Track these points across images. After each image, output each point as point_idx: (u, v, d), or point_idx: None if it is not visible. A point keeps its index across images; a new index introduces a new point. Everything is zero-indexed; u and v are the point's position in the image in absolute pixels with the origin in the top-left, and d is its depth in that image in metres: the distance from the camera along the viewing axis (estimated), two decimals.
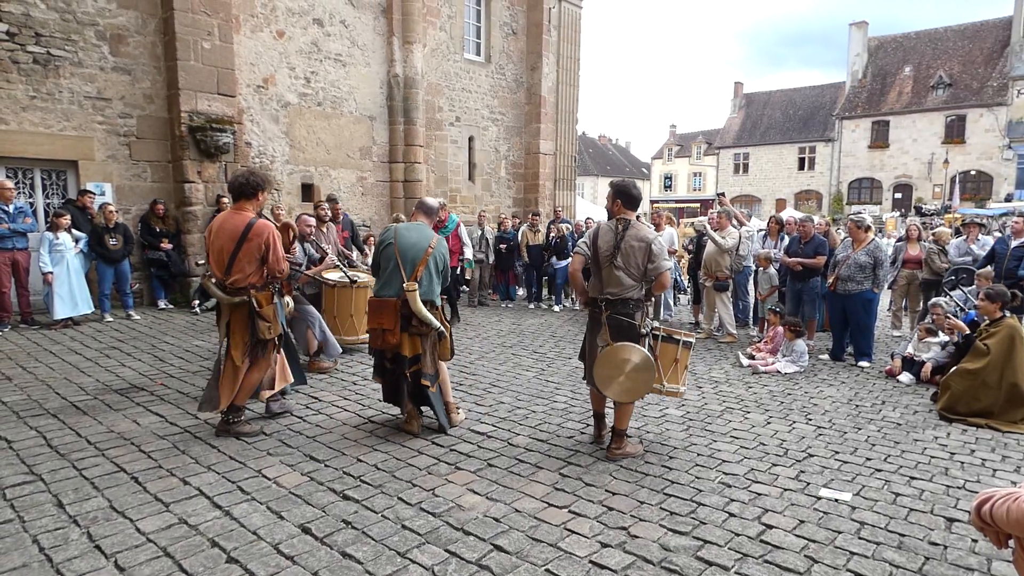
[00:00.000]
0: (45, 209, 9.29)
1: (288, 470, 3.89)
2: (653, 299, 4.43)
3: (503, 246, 11.42)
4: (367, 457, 4.13)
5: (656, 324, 4.38)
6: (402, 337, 4.39)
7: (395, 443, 4.39)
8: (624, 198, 4.18)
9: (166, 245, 9.58)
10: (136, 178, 9.86)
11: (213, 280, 4.39)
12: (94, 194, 9.09)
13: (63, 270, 7.99)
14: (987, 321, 5.57)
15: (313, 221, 6.62)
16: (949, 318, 6.28)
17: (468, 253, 10.26)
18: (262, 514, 3.31)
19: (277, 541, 3.04)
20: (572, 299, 11.48)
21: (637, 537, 3.18)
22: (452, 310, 9.17)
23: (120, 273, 8.81)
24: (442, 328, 4.51)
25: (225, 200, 9.87)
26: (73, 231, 8.23)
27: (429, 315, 4.38)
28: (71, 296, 8.10)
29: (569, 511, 3.45)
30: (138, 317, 8.92)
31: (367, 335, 6.84)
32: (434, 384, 4.56)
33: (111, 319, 8.67)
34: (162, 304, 9.77)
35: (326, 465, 3.99)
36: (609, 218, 4.30)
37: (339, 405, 5.26)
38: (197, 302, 9.60)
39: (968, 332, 5.66)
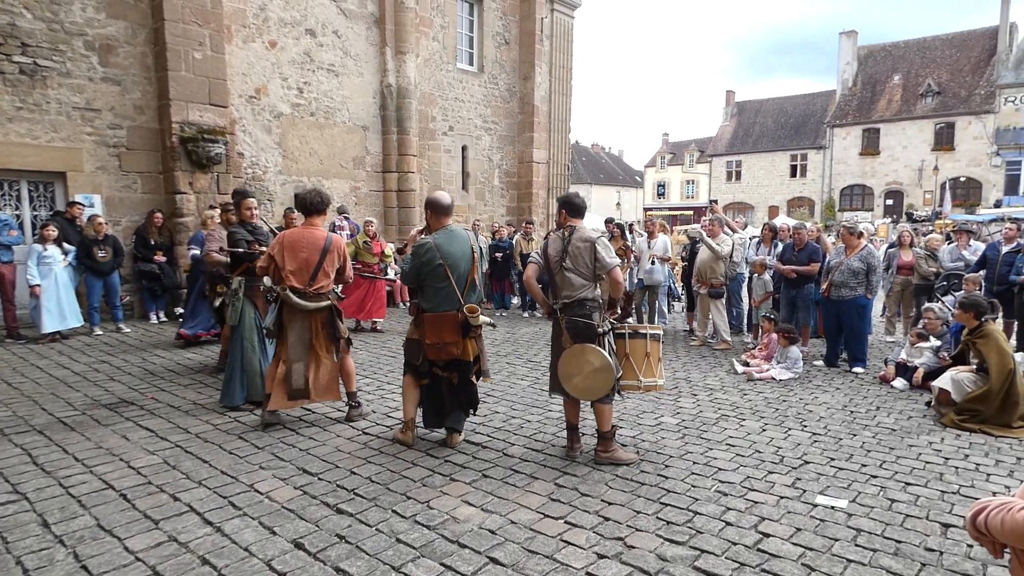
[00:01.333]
0: (32, 221, 9.22)
1: (280, 484, 3.84)
2: (647, 307, 4.47)
3: (498, 255, 11.42)
4: (361, 470, 4.09)
5: (616, 323, 4.43)
6: (464, 344, 4.42)
7: (389, 455, 4.35)
8: (568, 208, 4.42)
9: (160, 257, 9.51)
10: (126, 189, 9.80)
11: (288, 290, 4.66)
12: (83, 206, 9.02)
13: (51, 283, 7.90)
14: (967, 331, 5.61)
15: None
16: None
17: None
18: (254, 530, 3.26)
19: (269, 557, 2.99)
20: None
21: (633, 547, 3.15)
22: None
23: (109, 286, 8.73)
24: (491, 321, 4.60)
25: (217, 210, 9.82)
26: (63, 244, 8.16)
27: (488, 319, 4.49)
28: (59, 310, 8.01)
29: (565, 522, 3.41)
30: (128, 330, 8.84)
31: None
32: (487, 377, 4.73)
33: (100, 332, 8.58)
34: (154, 318, 9.68)
35: (319, 478, 3.94)
36: (557, 229, 4.50)
37: (332, 417, 5.21)
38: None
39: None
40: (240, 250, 5.47)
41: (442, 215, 4.48)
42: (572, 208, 4.41)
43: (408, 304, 5.57)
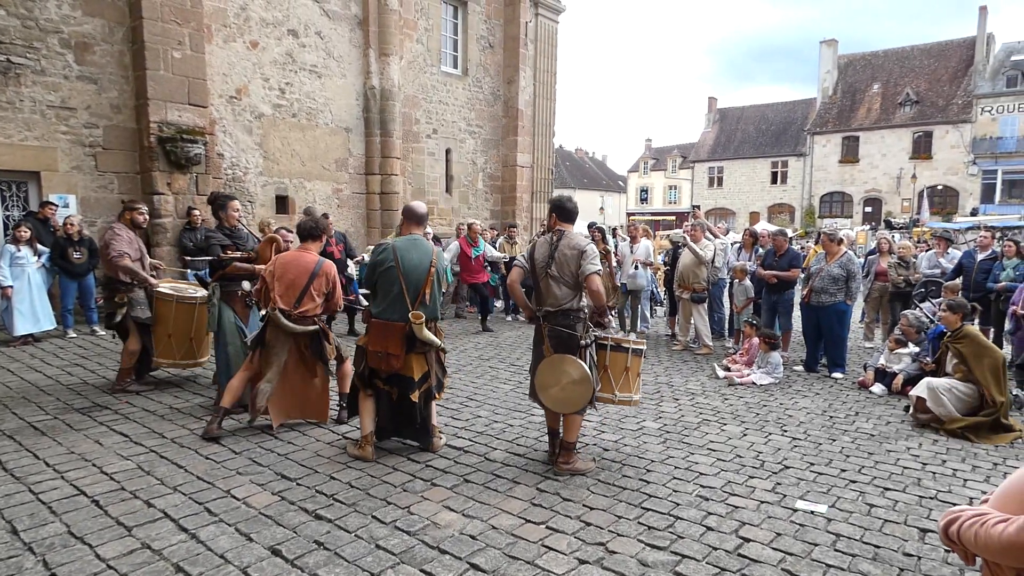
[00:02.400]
0: (4, 222, 9.01)
1: (258, 490, 3.78)
2: (624, 313, 4.42)
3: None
4: (340, 475, 4.04)
5: (601, 334, 4.33)
6: (408, 359, 4.24)
7: (369, 460, 4.30)
8: (559, 212, 4.28)
9: None
10: (102, 190, 9.63)
11: (277, 311, 4.63)
12: (56, 206, 8.84)
13: (24, 284, 7.73)
14: (949, 333, 5.72)
15: (292, 236, 6.44)
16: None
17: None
18: (230, 536, 3.20)
19: (245, 565, 2.94)
20: None
21: (615, 553, 3.14)
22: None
23: (84, 287, 8.55)
24: (443, 345, 4.44)
25: (196, 212, 9.72)
26: (36, 245, 7.98)
27: (433, 337, 4.27)
28: (32, 312, 7.83)
29: (547, 527, 3.40)
30: (103, 333, 8.66)
31: (189, 362, 6.07)
32: (439, 395, 4.54)
33: (74, 335, 8.41)
34: None
35: (298, 484, 3.89)
36: (547, 232, 4.38)
37: (312, 421, 5.14)
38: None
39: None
40: (210, 257, 5.38)
41: (412, 223, 4.46)
42: (563, 212, 4.26)
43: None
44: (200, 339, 6.06)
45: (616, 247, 10.22)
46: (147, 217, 6.24)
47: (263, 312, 4.81)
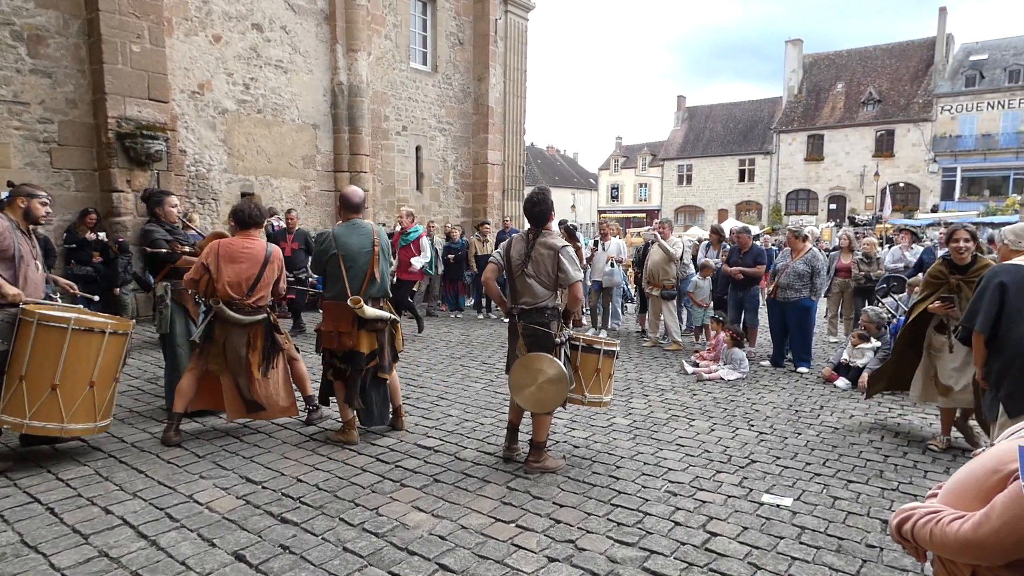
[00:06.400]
0: None
1: (222, 493, 3.70)
2: (596, 309, 4.40)
3: (451, 256, 11.34)
4: (308, 476, 3.97)
5: (573, 333, 4.32)
6: (359, 336, 4.45)
7: (338, 461, 4.24)
8: (530, 217, 4.22)
9: (98, 259, 9.08)
10: (58, 187, 9.31)
11: (222, 304, 4.51)
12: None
13: None
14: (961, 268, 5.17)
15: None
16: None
17: (417, 264, 9.73)
18: (192, 542, 3.12)
19: (208, 571, 2.87)
20: None
21: (584, 550, 3.14)
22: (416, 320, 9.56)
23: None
24: (395, 317, 4.64)
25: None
26: None
27: (383, 313, 4.48)
28: None
29: (516, 525, 3.38)
30: None
31: (85, 427, 4.04)
32: (390, 374, 4.71)
33: None
34: None
35: (263, 487, 3.81)
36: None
37: (279, 422, 5.05)
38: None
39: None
40: (163, 250, 4.96)
41: (348, 210, 4.62)
42: (532, 217, 4.15)
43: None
44: (105, 387, 4.07)
45: (587, 245, 10.26)
46: (50, 210, 4.54)
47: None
